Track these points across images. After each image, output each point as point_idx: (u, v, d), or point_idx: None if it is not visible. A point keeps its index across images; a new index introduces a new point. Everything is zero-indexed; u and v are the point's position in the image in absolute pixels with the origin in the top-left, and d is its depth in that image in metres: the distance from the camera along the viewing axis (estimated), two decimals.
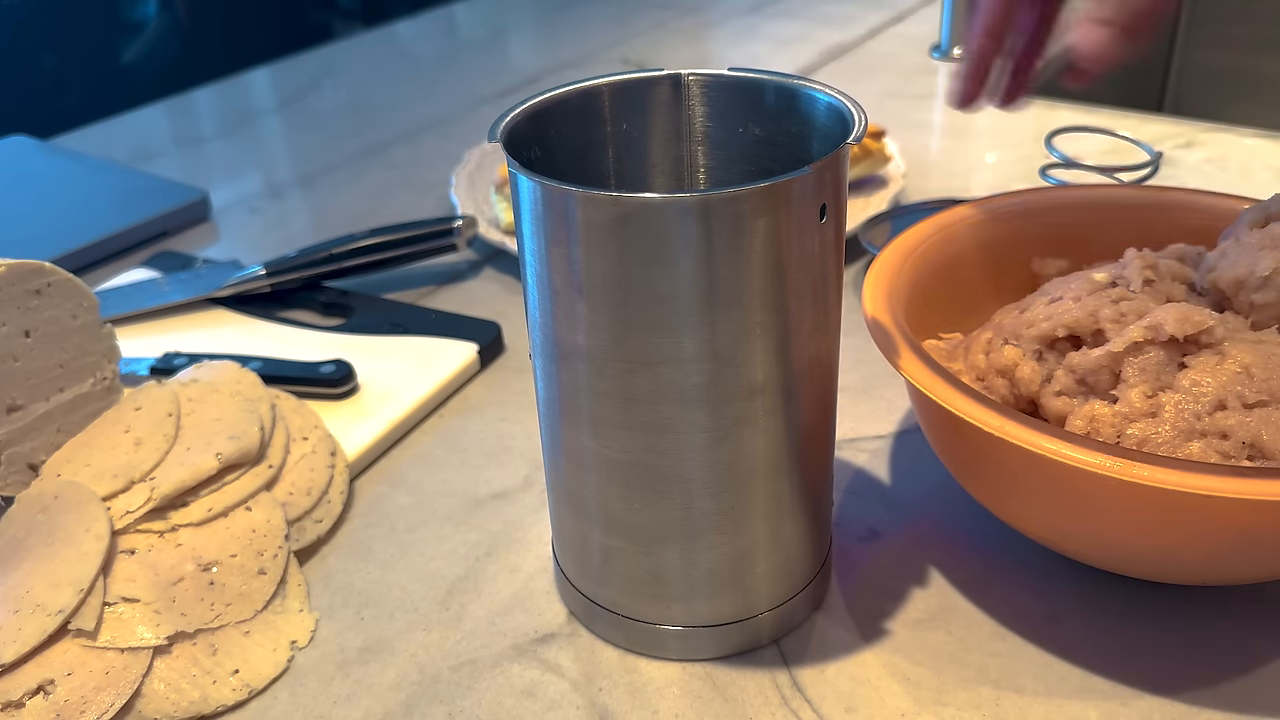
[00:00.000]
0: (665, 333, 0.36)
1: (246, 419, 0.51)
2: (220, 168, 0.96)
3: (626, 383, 0.37)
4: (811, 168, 0.35)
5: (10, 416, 0.50)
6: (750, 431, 0.38)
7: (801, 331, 0.38)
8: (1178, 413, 0.41)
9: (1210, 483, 0.35)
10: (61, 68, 1.15)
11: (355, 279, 0.72)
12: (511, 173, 0.36)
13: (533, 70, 1.16)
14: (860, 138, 0.36)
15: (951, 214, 0.53)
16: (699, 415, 0.38)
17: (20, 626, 0.42)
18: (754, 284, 0.35)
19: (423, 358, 0.62)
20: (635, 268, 0.35)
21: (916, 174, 0.84)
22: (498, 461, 0.56)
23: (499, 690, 0.43)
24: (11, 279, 0.49)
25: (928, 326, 0.49)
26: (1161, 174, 0.73)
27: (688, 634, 0.43)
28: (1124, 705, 0.41)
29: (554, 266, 0.36)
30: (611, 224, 0.34)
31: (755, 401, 0.38)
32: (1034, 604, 0.45)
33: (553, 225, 0.35)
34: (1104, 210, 0.54)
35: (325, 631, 0.46)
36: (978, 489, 0.46)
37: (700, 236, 0.34)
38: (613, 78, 0.42)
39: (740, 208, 0.34)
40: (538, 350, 0.40)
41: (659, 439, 0.38)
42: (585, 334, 0.37)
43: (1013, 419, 0.39)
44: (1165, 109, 1.44)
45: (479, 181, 0.82)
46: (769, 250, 0.35)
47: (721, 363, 0.37)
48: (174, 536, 0.46)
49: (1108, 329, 0.44)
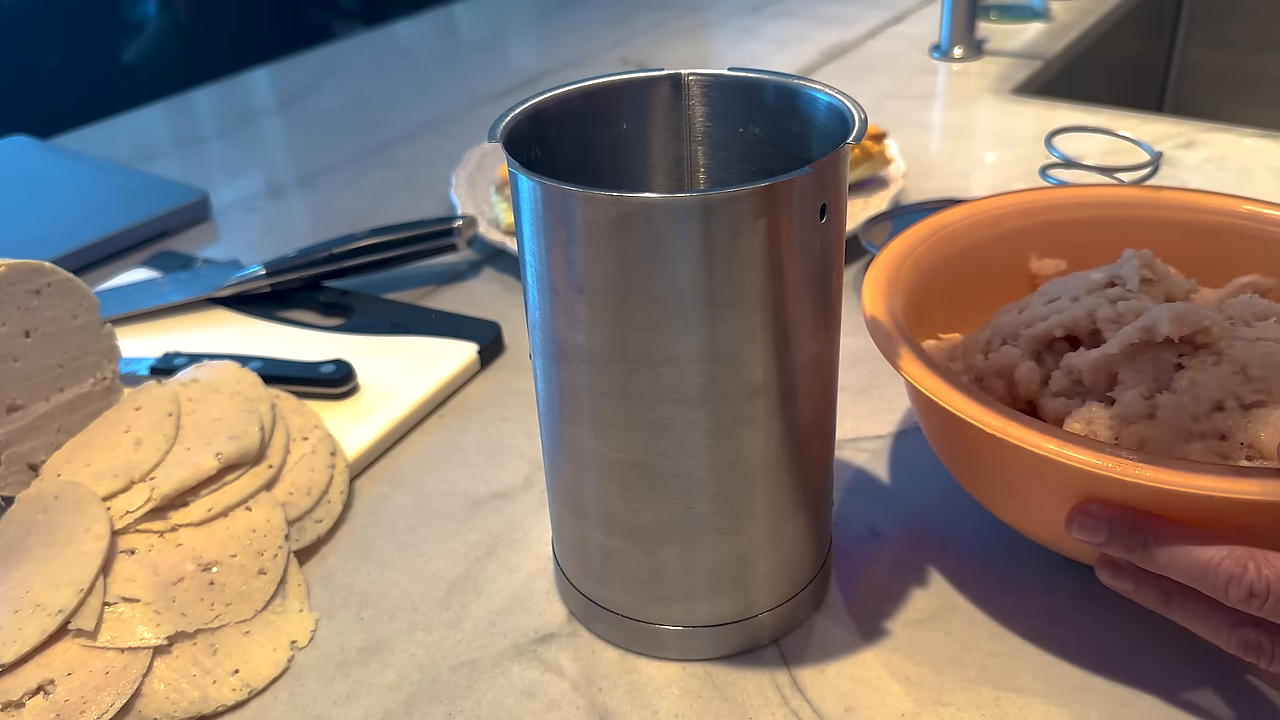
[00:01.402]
0: (665, 333, 0.36)
1: (246, 419, 0.51)
2: (220, 168, 0.96)
3: (627, 382, 0.37)
4: (811, 167, 0.35)
5: (10, 416, 0.50)
6: (750, 431, 0.38)
7: (802, 331, 0.38)
8: (1175, 414, 0.41)
9: (1210, 483, 0.35)
10: (61, 68, 1.15)
11: (355, 279, 0.71)
12: (511, 172, 0.36)
13: (533, 70, 1.16)
14: (860, 137, 0.36)
15: (951, 214, 0.53)
16: (699, 415, 0.38)
17: (20, 626, 0.42)
18: (754, 284, 0.35)
19: (423, 358, 0.62)
20: (635, 267, 0.35)
21: (916, 174, 0.84)
22: (498, 461, 0.56)
23: (499, 690, 0.43)
24: (11, 279, 0.49)
25: (927, 326, 0.49)
26: (1161, 174, 0.73)
27: (688, 634, 0.43)
28: (1124, 705, 0.41)
29: (554, 266, 0.36)
30: (612, 224, 0.34)
31: (755, 401, 0.38)
32: (1034, 604, 0.45)
33: (553, 225, 0.35)
34: (1104, 210, 0.54)
35: (325, 631, 0.46)
36: (978, 489, 0.46)
37: (700, 236, 0.34)
38: (613, 78, 0.42)
39: (740, 207, 0.34)
40: (538, 350, 0.40)
41: (659, 439, 0.38)
42: (585, 334, 0.37)
43: (1013, 419, 0.39)
44: (1165, 109, 1.44)
45: (479, 181, 0.82)
46: (769, 250, 0.35)
47: (721, 362, 0.37)
48: (174, 536, 0.46)
49: (1105, 329, 0.44)
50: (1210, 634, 0.38)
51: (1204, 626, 0.38)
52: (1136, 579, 0.39)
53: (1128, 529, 0.38)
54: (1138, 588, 0.39)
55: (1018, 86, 1.02)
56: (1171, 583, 0.38)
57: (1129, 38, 1.28)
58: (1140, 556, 0.37)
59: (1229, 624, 0.37)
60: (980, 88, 1.02)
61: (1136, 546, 0.37)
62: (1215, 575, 0.35)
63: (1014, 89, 1.01)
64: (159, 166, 0.95)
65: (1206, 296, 0.49)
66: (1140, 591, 0.39)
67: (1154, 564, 0.37)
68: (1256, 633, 0.36)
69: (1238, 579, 0.35)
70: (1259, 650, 0.36)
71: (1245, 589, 0.35)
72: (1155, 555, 0.37)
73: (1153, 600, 0.39)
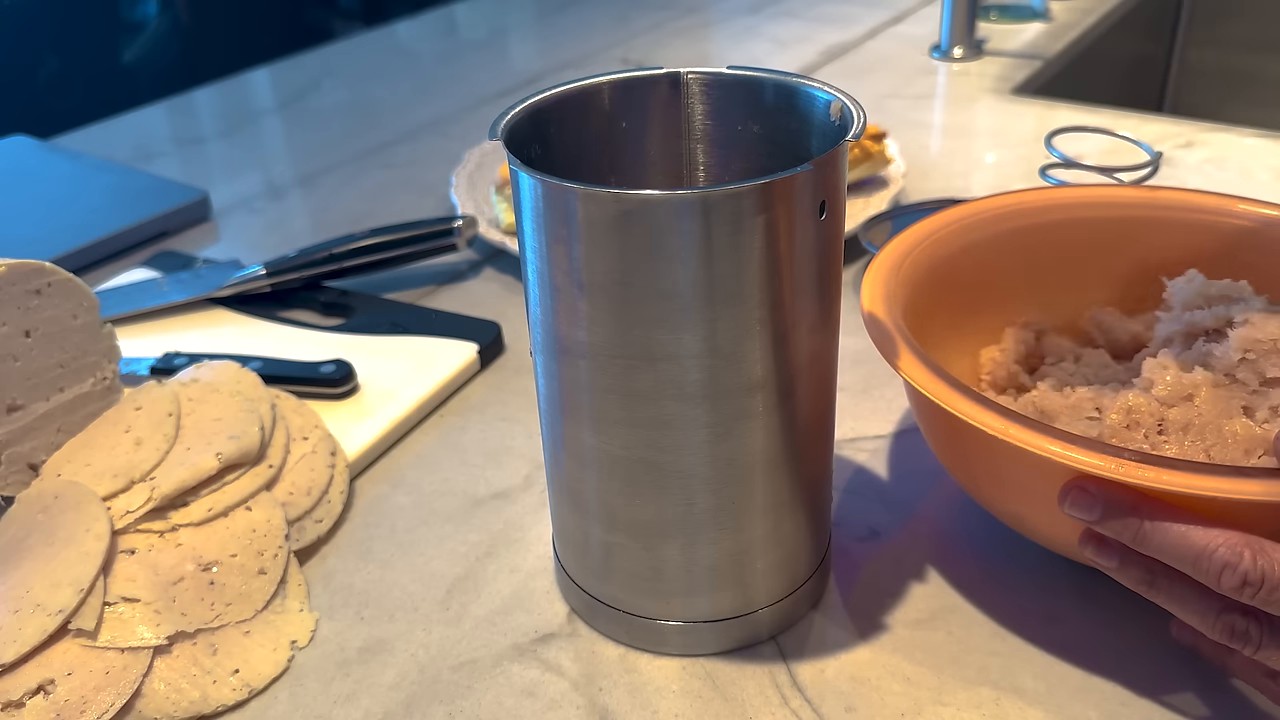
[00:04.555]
0: (666, 329, 0.36)
1: (246, 419, 0.51)
2: (220, 168, 0.96)
3: (627, 379, 0.37)
4: (811, 164, 0.35)
5: (10, 416, 0.50)
6: (750, 427, 0.38)
7: (801, 328, 0.38)
8: None
9: (1210, 483, 0.35)
10: (61, 68, 1.15)
11: (355, 279, 0.71)
12: (512, 170, 0.36)
13: (533, 70, 1.16)
14: (859, 134, 0.36)
15: (951, 214, 0.53)
16: (699, 411, 0.38)
17: (20, 626, 0.42)
18: (754, 280, 0.36)
19: (423, 358, 0.62)
20: (636, 264, 0.35)
21: (916, 174, 0.84)
22: (498, 461, 0.56)
23: (499, 690, 0.43)
24: (11, 279, 0.49)
25: (927, 326, 0.49)
26: (1161, 174, 0.73)
27: (688, 629, 0.43)
28: (1124, 705, 0.41)
29: (555, 263, 0.36)
30: (612, 221, 0.34)
31: (755, 397, 0.38)
32: (1034, 604, 0.45)
33: (553, 222, 0.36)
34: (1104, 210, 0.54)
35: (325, 631, 0.46)
36: (977, 489, 0.46)
37: (700, 233, 0.34)
38: (612, 76, 0.42)
39: (740, 204, 0.34)
40: (539, 347, 0.40)
41: (660, 435, 0.38)
42: (586, 330, 0.37)
43: (1014, 420, 0.38)
44: (1165, 109, 1.44)
45: (479, 181, 0.82)
46: (769, 247, 0.35)
47: (722, 359, 0.37)
48: (174, 536, 0.46)
49: None
50: (1195, 618, 0.37)
51: (1188, 610, 0.37)
52: (1122, 557, 0.39)
53: (1123, 510, 0.37)
54: (1122, 565, 0.39)
55: (1018, 86, 1.02)
56: (1158, 564, 0.38)
57: (1129, 38, 1.28)
58: (1133, 537, 0.37)
59: (1215, 609, 0.37)
60: (980, 88, 1.02)
61: (1130, 527, 0.37)
62: (1209, 561, 0.35)
63: (1014, 89, 1.01)
64: (159, 166, 0.95)
65: None
66: (1124, 570, 0.39)
67: (1146, 546, 0.37)
68: (1245, 620, 0.36)
69: (1232, 566, 0.35)
70: (1245, 637, 0.36)
71: (1239, 577, 0.35)
72: (1148, 537, 0.37)
73: (1136, 579, 0.39)
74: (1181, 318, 0.46)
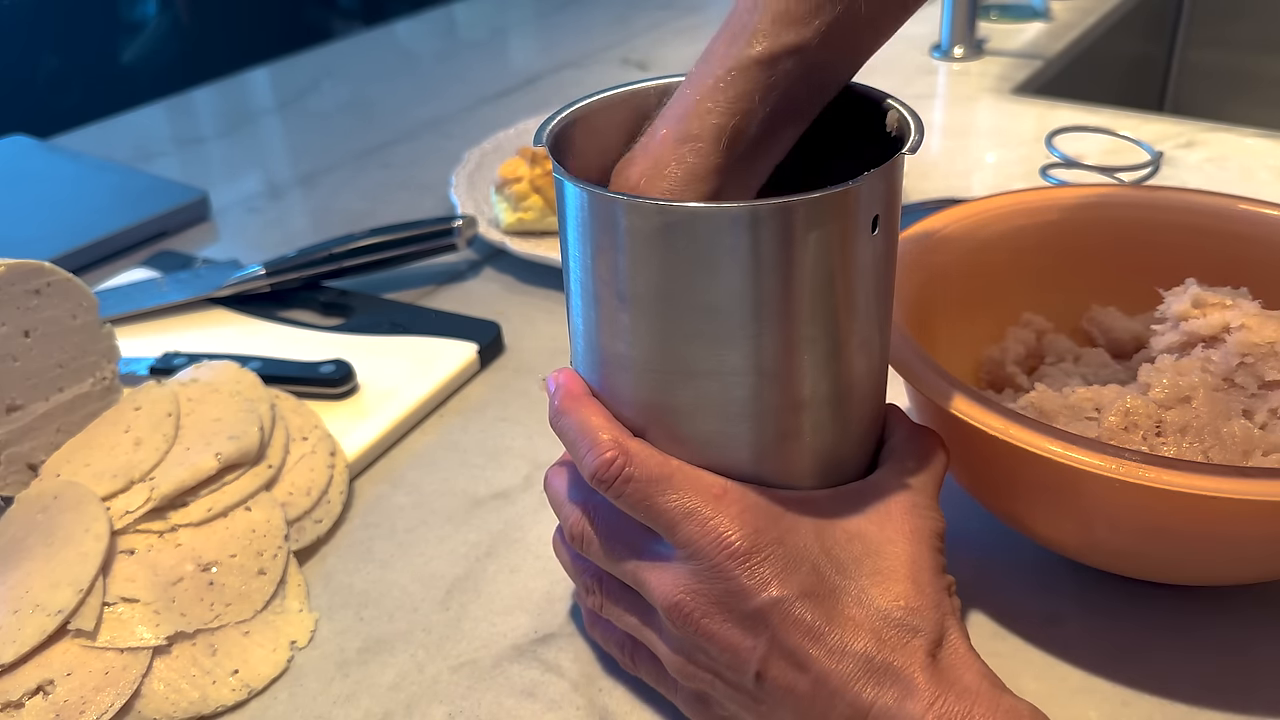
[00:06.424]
0: (709, 344, 0.35)
1: (246, 419, 0.51)
2: (220, 168, 0.96)
3: (668, 394, 0.36)
4: (864, 178, 0.33)
5: (10, 416, 0.50)
6: (795, 448, 0.37)
7: (850, 346, 0.36)
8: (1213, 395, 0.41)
9: (1211, 483, 0.35)
10: (61, 68, 1.15)
11: (355, 279, 0.71)
12: (557, 179, 0.35)
13: (533, 70, 1.16)
14: (917, 148, 0.35)
15: (950, 214, 0.53)
16: (742, 429, 0.36)
17: (20, 626, 0.42)
18: (802, 297, 0.34)
19: (423, 358, 0.62)
20: (680, 277, 0.34)
21: (916, 174, 0.84)
22: (498, 461, 0.56)
23: (499, 690, 0.43)
24: (11, 279, 0.49)
25: (927, 326, 0.49)
26: (1161, 174, 0.73)
27: None
28: (1124, 705, 0.41)
29: (598, 275, 0.35)
30: (657, 232, 0.33)
31: (800, 417, 0.36)
32: (1034, 604, 0.45)
33: (598, 233, 0.35)
34: (1104, 210, 0.54)
35: (325, 631, 0.46)
36: (977, 489, 0.46)
37: (748, 247, 0.33)
38: (659, 81, 0.41)
39: (790, 218, 0.33)
40: (579, 359, 0.39)
41: (700, 453, 0.37)
42: (628, 343, 0.36)
43: (1014, 420, 0.38)
44: (1165, 109, 1.45)
45: (479, 181, 0.82)
46: (818, 262, 0.34)
47: (766, 377, 0.35)
48: (174, 536, 0.46)
49: None
50: None
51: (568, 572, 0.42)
52: None
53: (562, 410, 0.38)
54: None
55: (1018, 86, 1.02)
56: None
57: (1129, 38, 1.28)
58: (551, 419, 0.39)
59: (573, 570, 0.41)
60: (980, 87, 1.02)
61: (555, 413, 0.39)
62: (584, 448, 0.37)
63: (1014, 89, 1.01)
64: (159, 166, 0.95)
65: None
66: None
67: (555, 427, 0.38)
68: (594, 580, 0.40)
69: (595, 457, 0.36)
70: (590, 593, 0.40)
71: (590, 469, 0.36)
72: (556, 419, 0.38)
73: None
74: (1178, 327, 0.46)
